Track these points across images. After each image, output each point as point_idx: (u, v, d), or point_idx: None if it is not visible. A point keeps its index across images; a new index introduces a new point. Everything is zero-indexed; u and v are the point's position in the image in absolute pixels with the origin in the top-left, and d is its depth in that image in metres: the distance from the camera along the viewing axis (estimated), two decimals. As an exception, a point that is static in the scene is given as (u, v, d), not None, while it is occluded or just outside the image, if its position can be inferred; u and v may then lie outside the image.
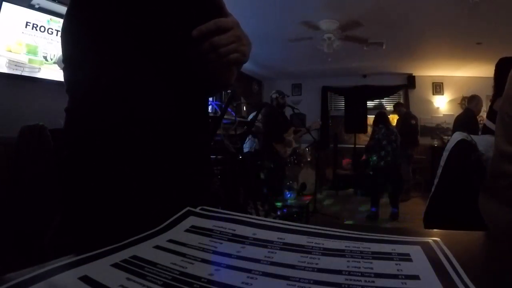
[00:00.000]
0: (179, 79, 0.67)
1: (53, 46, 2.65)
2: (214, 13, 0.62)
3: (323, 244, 0.31)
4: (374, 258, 0.29)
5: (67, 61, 0.69)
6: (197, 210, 0.39)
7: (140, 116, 0.63)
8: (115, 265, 0.26)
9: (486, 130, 2.07)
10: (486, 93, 4.78)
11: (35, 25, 2.50)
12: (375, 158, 3.99)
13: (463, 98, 6.13)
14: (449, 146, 1.06)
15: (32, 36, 2.51)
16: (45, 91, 2.58)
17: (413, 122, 5.34)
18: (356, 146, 5.86)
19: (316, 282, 0.25)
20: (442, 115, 6.53)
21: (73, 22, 0.68)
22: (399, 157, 4.09)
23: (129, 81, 0.63)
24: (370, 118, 6.37)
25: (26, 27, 2.45)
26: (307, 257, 0.29)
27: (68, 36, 0.69)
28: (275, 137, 3.97)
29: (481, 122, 3.68)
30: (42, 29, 2.56)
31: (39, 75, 2.59)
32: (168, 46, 0.65)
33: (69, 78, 0.69)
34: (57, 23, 2.61)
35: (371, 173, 4.10)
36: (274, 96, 4.15)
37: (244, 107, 5.70)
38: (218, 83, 0.76)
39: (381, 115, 4.30)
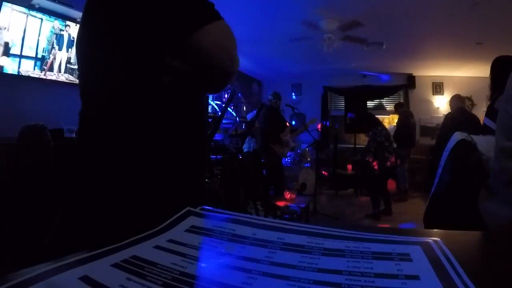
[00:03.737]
0: (178, 82, 0.70)
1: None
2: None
3: (323, 244, 0.31)
4: (374, 258, 0.29)
5: (80, 68, 0.75)
6: (197, 210, 0.39)
7: (141, 117, 0.66)
8: (115, 265, 0.26)
9: (486, 129, 2.07)
10: (486, 93, 4.77)
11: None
12: (381, 160, 3.98)
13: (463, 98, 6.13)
14: (449, 146, 1.06)
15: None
16: (45, 91, 2.58)
17: (412, 120, 5.34)
18: (356, 146, 5.86)
19: (316, 282, 0.24)
20: (442, 115, 6.50)
21: (84, 31, 0.73)
22: (398, 158, 4.13)
23: (135, 85, 0.67)
24: (370, 118, 6.37)
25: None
26: (307, 257, 0.29)
27: (80, 44, 0.74)
28: (272, 138, 3.98)
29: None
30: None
31: (40, 75, 2.59)
32: (166, 50, 0.69)
33: (82, 83, 0.74)
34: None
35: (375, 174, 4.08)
36: (269, 98, 4.17)
37: (244, 107, 5.70)
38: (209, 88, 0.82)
39: (374, 117, 4.29)
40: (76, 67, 2.68)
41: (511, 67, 2.07)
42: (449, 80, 6.55)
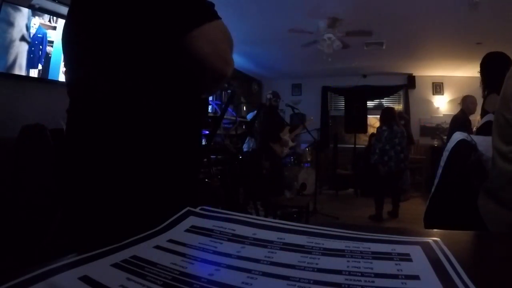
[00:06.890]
0: (170, 81, 0.68)
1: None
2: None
3: (323, 244, 0.31)
4: (374, 258, 0.29)
5: (67, 64, 0.71)
6: (197, 210, 0.39)
7: (138, 115, 0.64)
8: (115, 265, 0.26)
9: (482, 131, 2.06)
10: (486, 93, 4.78)
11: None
12: (378, 162, 3.85)
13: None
14: (449, 146, 1.06)
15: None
16: (45, 91, 2.58)
17: (402, 122, 5.32)
18: (356, 146, 5.86)
19: (316, 282, 0.24)
20: (442, 115, 6.53)
21: (71, 25, 0.69)
22: (403, 161, 3.86)
23: (124, 82, 0.64)
24: (370, 118, 6.37)
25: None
26: (307, 257, 0.29)
27: (67, 39, 0.71)
28: (271, 137, 3.98)
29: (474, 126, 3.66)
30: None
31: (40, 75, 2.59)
32: (159, 48, 0.66)
33: (69, 80, 0.71)
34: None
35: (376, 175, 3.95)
36: (268, 97, 4.17)
37: (244, 107, 5.71)
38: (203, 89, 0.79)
39: (386, 113, 4.03)
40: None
41: (501, 64, 2.06)
42: (449, 80, 6.55)
